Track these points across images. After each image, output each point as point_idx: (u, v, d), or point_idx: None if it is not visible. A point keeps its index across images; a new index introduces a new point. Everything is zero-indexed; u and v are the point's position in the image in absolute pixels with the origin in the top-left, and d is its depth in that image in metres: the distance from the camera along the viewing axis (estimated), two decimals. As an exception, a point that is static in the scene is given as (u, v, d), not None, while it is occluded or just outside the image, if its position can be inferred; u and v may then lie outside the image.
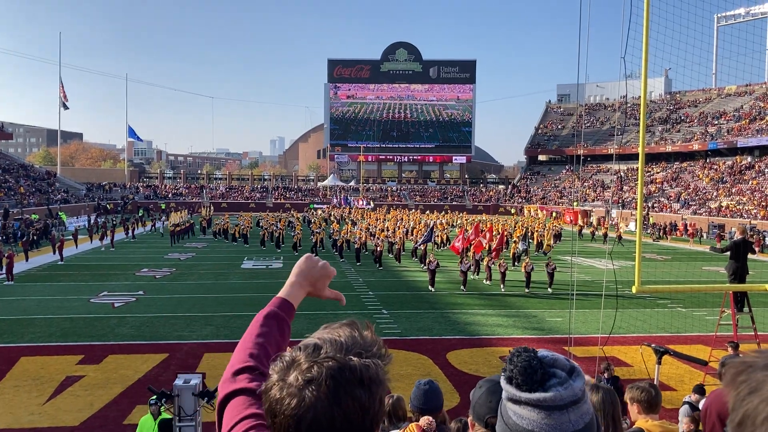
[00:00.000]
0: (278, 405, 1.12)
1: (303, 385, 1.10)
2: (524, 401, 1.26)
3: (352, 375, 1.12)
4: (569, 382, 1.26)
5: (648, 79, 10.78)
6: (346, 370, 1.12)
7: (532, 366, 1.27)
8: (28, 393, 12.43)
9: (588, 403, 1.30)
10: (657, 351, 7.77)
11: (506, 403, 1.31)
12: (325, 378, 1.10)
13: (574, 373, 1.29)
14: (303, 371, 1.12)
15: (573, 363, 1.32)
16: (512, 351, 1.35)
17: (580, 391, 1.27)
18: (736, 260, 13.82)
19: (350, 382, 1.11)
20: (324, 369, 1.11)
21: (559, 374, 1.27)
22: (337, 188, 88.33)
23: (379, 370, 1.15)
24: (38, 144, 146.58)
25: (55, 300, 22.01)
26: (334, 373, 1.11)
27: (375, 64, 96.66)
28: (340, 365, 1.12)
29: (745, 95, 78.87)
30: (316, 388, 1.09)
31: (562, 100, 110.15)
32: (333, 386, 1.10)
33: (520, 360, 1.29)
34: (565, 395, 1.24)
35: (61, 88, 77.32)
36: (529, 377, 1.26)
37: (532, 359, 1.29)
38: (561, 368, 1.29)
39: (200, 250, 38.56)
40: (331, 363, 1.12)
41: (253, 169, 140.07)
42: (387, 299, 22.68)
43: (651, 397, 4.25)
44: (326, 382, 1.10)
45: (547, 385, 1.26)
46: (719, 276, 27.94)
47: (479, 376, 11.32)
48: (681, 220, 57.54)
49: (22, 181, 65.09)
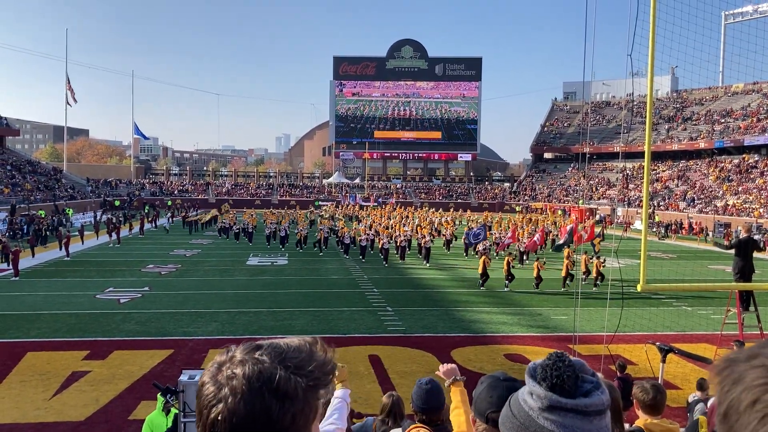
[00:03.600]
0: (202, 388, 1.16)
1: (225, 379, 1.13)
2: (570, 408, 1.22)
3: (269, 383, 1.12)
4: (601, 386, 1.26)
5: (654, 76, 10.74)
6: (265, 376, 1.12)
7: (575, 373, 1.26)
8: (34, 388, 12.49)
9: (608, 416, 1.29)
10: (662, 349, 7.77)
11: (541, 414, 1.25)
12: (244, 377, 1.12)
13: (597, 378, 1.30)
14: (233, 365, 1.15)
15: (591, 369, 1.32)
16: (546, 360, 1.31)
17: (607, 401, 1.27)
18: (742, 258, 13.78)
19: (264, 389, 1.11)
20: (248, 368, 1.13)
21: (588, 379, 1.27)
22: (342, 185, 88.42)
23: (299, 388, 1.13)
24: (45, 140, 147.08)
25: (61, 296, 22.11)
26: (253, 375, 1.12)
27: (381, 61, 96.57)
28: (262, 370, 1.13)
29: (752, 93, 78.45)
30: (234, 384, 1.12)
31: (569, 97, 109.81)
32: (247, 388, 1.11)
33: (558, 368, 1.26)
34: (605, 399, 1.24)
35: (68, 84, 77.54)
36: (573, 383, 1.24)
37: (566, 367, 1.26)
38: (588, 373, 1.29)
39: (206, 247, 38.65)
40: (256, 365, 1.13)
41: (259, 166, 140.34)
42: (391, 296, 22.68)
43: (652, 399, 4.24)
44: (243, 382, 1.11)
45: (585, 391, 1.25)
46: (725, 275, 27.85)
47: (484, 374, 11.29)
48: (687, 218, 57.36)
49: (29, 178, 65.38)
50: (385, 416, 5.15)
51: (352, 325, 18.14)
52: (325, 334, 16.88)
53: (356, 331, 17.37)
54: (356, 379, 13.01)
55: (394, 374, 13.53)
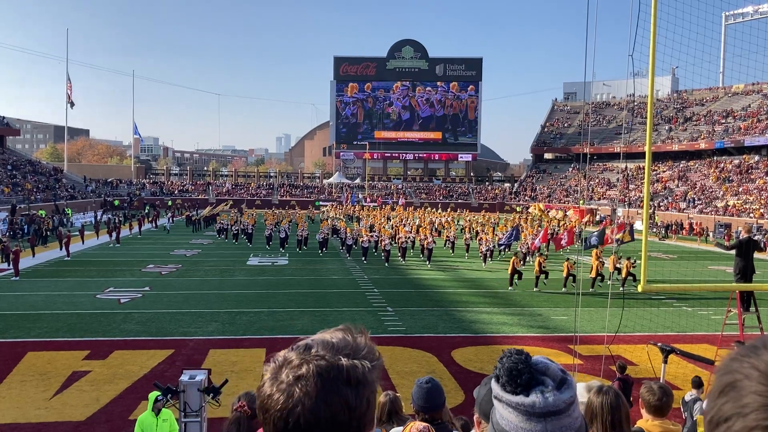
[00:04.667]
0: (269, 400, 1.15)
1: (293, 382, 1.13)
2: (505, 401, 1.27)
3: (339, 374, 1.14)
4: (554, 392, 1.25)
5: (655, 77, 10.74)
6: (333, 369, 1.15)
7: (518, 369, 1.26)
8: (35, 388, 12.50)
9: (573, 417, 1.27)
10: (663, 350, 7.76)
11: (493, 401, 1.32)
12: (313, 375, 1.13)
13: (564, 385, 1.28)
14: (293, 368, 1.15)
15: (567, 375, 1.30)
16: (505, 351, 1.34)
17: (564, 404, 1.25)
18: (743, 259, 13.77)
19: (337, 380, 1.14)
20: (313, 366, 1.14)
21: (547, 382, 1.26)
22: (342, 185, 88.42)
23: (366, 371, 1.17)
24: (45, 140, 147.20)
25: (62, 295, 22.11)
26: (322, 371, 1.14)
27: (381, 61, 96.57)
28: (328, 364, 1.15)
29: (752, 94, 78.44)
30: (304, 384, 1.12)
31: (569, 98, 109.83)
32: (321, 384, 1.12)
33: (509, 361, 1.29)
34: (544, 404, 1.23)
35: (69, 85, 77.52)
36: (513, 379, 1.26)
37: (520, 362, 1.28)
38: (552, 377, 1.27)
39: (206, 247, 38.66)
40: (320, 362, 1.15)
41: (259, 166, 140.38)
42: (392, 297, 22.68)
43: (658, 400, 4.21)
44: (314, 380, 1.13)
45: (530, 391, 1.25)
46: (725, 275, 27.84)
47: (484, 374, 11.31)
48: (687, 219, 57.34)
49: (30, 177, 65.39)
50: (386, 417, 5.06)
51: (352, 326, 18.11)
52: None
53: (356, 332, 17.33)
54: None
55: (394, 374, 13.53)
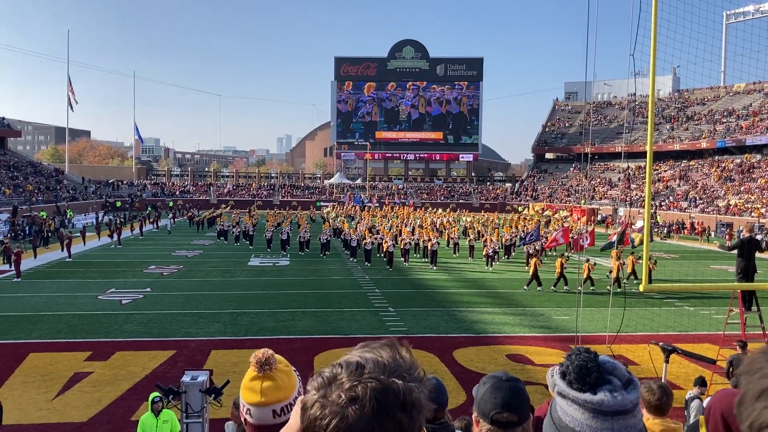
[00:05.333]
0: (319, 422, 1.09)
1: (346, 404, 1.08)
2: (572, 398, 1.28)
3: (395, 398, 1.09)
4: (622, 391, 1.27)
5: (656, 76, 10.73)
6: (390, 392, 1.09)
7: (588, 367, 1.29)
8: (36, 389, 12.51)
9: (638, 418, 1.30)
10: (665, 350, 7.75)
11: (556, 397, 1.33)
12: (370, 398, 1.07)
13: (630, 385, 1.30)
14: (346, 390, 1.09)
15: (633, 377, 1.33)
16: (573, 348, 1.36)
17: (631, 404, 1.27)
18: (744, 259, 13.75)
19: (393, 404, 1.08)
20: (369, 389, 1.08)
21: (614, 382, 1.29)
22: (343, 186, 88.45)
23: (421, 395, 1.12)
24: (46, 141, 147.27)
25: (63, 297, 22.12)
26: (378, 395, 1.08)
27: (382, 61, 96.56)
28: (384, 387, 1.09)
29: (754, 93, 78.36)
30: (359, 407, 1.07)
31: (570, 98, 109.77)
32: (377, 407, 1.07)
33: (578, 359, 1.31)
34: (613, 403, 1.25)
35: (70, 86, 77.54)
36: (583, 377, 1.28)
37: (590, 360, 1.30)
38: (618, 377, 1.30)
39: (207, 248, 38.66)
40: (375, 384, 1.09)
41: (260, 166, 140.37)
42: (393, 297, 22.67)
43: (658, 399, 4.20)
44: (370, 403, 1.07)
45: (597, 389, 1.27)
46: (727, 275, 27.81)
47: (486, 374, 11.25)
48: (689, 218, 57.29)
49: (31, 179, 65.44)
50: None
51: (353, 326, 18.13)
52: (326, 335, 16.89)
53: (358, 332, 17.35)
54: (358, 380, 13.01)
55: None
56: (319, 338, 16.60)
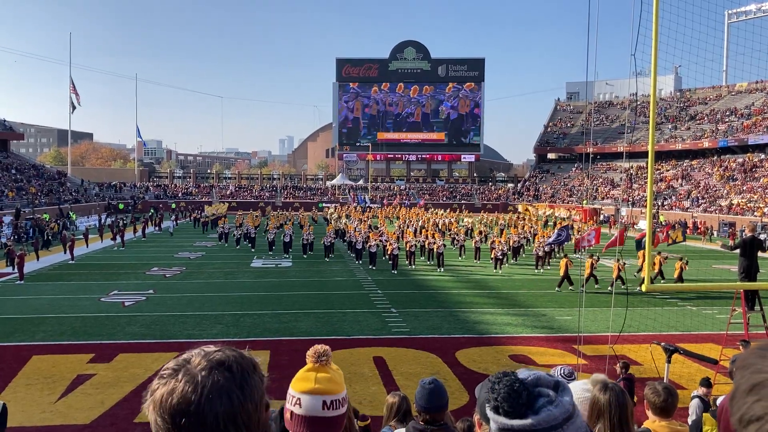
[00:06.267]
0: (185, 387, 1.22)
1: (213, 367, 1.24)
2: (517, 429, 1.17)
3: (250, 362, 1.29)
4: (558, 398, 1.21)
5: (658, 76, 10.72)
6: (245, 357, 1.30)
7: (515, 390, 1.20)
8: (40, 391, 12.52)
9: (580, 415, 1.24)
10: (667, 350, 7.75)
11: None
12: (233, 362, 1.25)
13: (560, 388, 1.24)
14: (208, 357, 1.27)
15: (556, 378, 1.26)
16: (492, 378, 1.28)
17: (571, 406, 1.22)
18: (747, 258, 13.73)
19: (250, 366, 1.28)
20: (229, 355, 1.27)
21: (545, 393, 1.22)
22: (346, 187, 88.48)
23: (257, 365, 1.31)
24: (49, 144, 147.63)
25: (66, 299, 22.15)
26: (239, 359, 1.27)
27: (383, 62, 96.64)
28: (240, 353, 1.30)
29: (756, 92, 78.25)
30: (226, 369, 1.24)
31: (572, 98, 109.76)
32: (239, 369, 1.24)
33: (502, 386, 1.22)
34: (558, 413, 1.19)
35: (73, 88, 77.67)
36: (515, 402, 1.19)
37: (514, 382, 1.21)
38: (546, 386, 1.23)
39: (210, 249, 38.69)
40: (231, 352, 1.29)
41: (263, 168, 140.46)
42: (396, 298, 22.66)
43: (663, 401, 4.18)
44: (234, 366, 1.25)
45: (536, 407, 1.19)
46: (729, 274, 27.77)
47: (488, 375, 11.22)
48: (691, 218, 57.21)
49: (34, 181, 65.55)
50: (402, 417, 4.92)
51: (356, 327, 18.13)
52: (329, 336, 16.89)
53: (361, 333, 17.36)
54: (361, 381, 13.03)
55: (398, 375, 13.52)
56: (322, 340, 16.60)
